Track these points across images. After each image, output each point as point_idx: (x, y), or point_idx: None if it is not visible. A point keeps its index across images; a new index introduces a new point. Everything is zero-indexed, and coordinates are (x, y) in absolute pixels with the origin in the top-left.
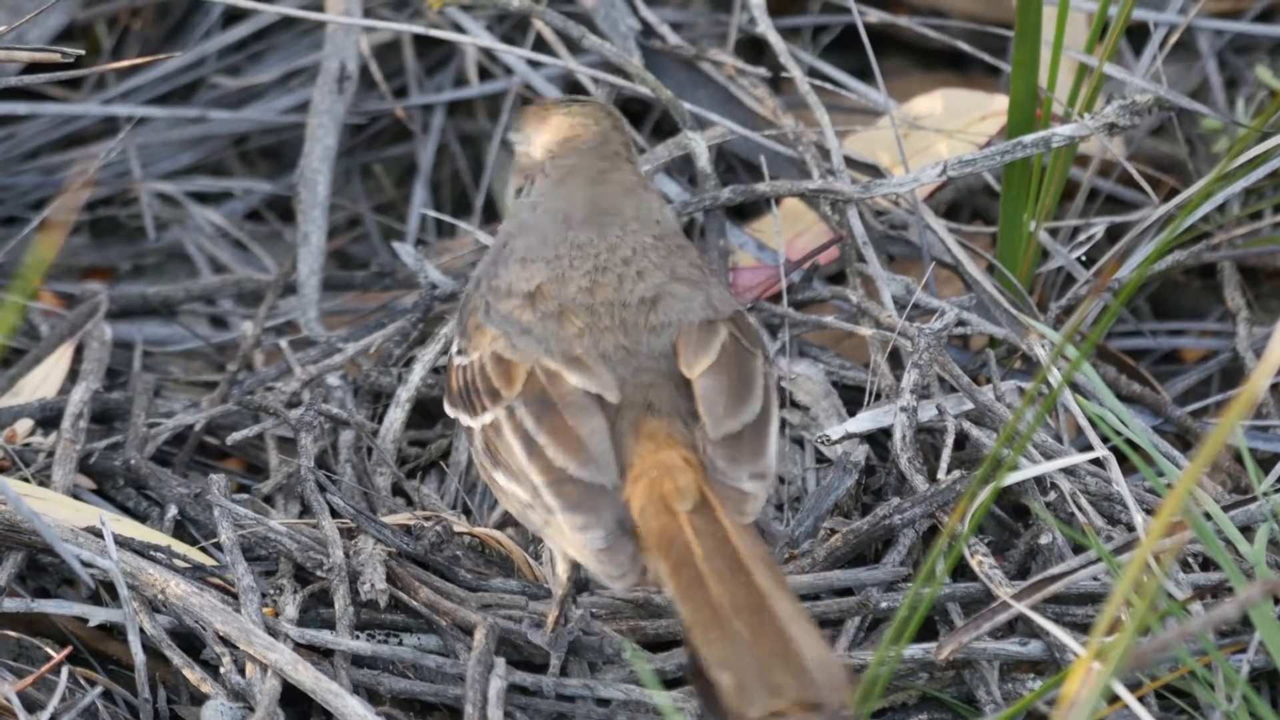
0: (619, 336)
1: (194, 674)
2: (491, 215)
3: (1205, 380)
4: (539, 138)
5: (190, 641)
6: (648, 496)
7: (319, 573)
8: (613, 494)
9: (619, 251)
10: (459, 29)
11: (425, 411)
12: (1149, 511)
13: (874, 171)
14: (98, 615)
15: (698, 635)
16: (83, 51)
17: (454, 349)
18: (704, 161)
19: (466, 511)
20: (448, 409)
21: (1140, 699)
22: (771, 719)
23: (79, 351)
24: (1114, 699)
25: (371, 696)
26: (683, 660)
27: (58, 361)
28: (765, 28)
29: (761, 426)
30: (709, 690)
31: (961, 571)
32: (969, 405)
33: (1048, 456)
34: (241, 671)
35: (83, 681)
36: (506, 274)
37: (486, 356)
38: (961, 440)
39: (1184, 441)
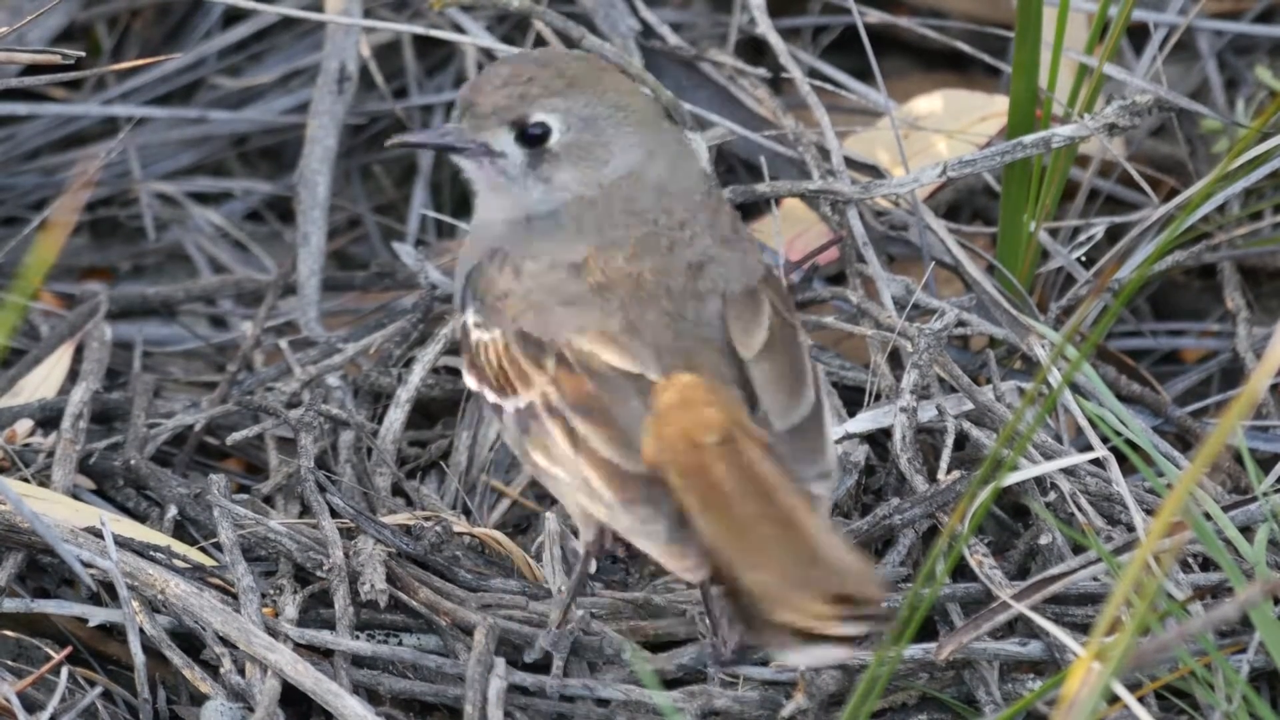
0: (663, 303)
1: (194, 674)
2: None
3: (1205, 380)
4: (568, 114)
5: (190, 642)
6: (675, 436)
7: (319, 573)
8: (662, 482)
9: (675, 214)
10: (459, 29)
11: (425, 412)
12: (1149, 512)
13: (874, 172)
14: (98, 615)
15: (729, 548)
16: (83, 53)
17: (470, 318)
18: (704, 162)
19: (466, 512)
20: (469, 382)
21: (1140, 699)
22: (804, 616)
23: (79, 352)
24: (1114, 699)
25: (371, 697)
26: (703, 603)
27: (58, 362)
28: (765, 28)
29: (817, 419)
30: (738, 606)
31: (961, 572)
32: (969, 405)
33: (1048, 457)
34: (241, 672)
35: (83, 681)
36: (546, 245)
37: (511, 334)
38: (961, 440)
39: (1184, 442)
